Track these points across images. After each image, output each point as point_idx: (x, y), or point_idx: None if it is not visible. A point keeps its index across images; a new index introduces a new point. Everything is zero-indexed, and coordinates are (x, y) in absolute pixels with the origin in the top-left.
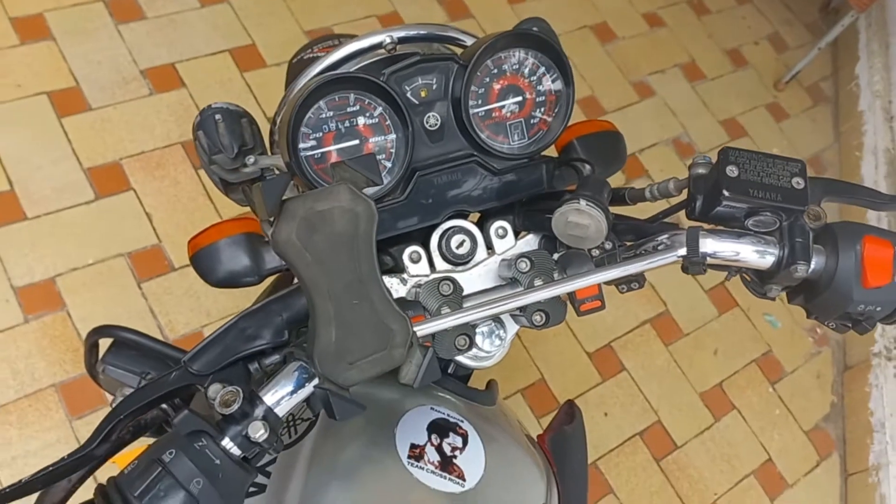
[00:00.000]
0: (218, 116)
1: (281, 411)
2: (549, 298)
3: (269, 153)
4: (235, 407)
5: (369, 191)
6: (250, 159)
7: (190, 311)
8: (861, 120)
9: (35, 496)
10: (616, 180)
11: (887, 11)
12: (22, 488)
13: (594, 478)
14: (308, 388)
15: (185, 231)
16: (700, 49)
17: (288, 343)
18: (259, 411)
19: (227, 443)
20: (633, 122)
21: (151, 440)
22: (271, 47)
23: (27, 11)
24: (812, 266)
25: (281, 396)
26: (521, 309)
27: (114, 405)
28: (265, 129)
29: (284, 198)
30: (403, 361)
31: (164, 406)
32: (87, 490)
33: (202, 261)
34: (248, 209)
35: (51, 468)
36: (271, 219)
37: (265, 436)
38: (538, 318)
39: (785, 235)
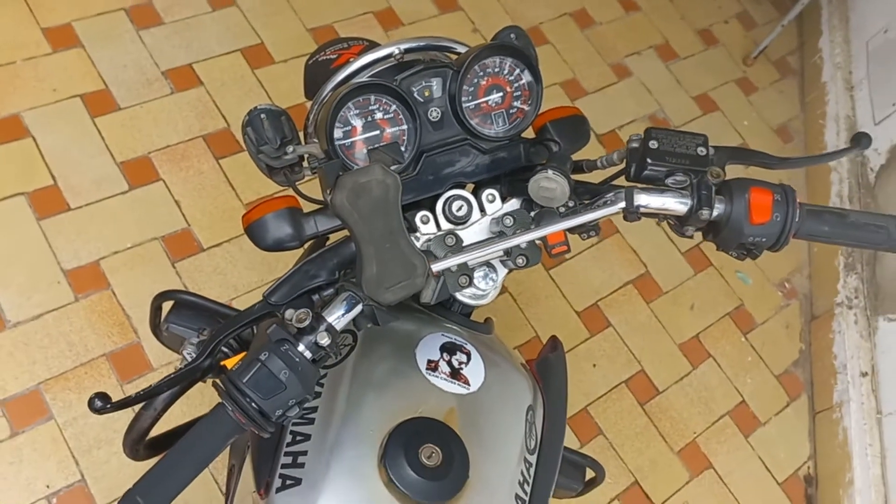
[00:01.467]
0: (263, 115)
1: (338, 326)
2: (527, 244)
3: (304, 143)
4: (306, 323)
5: (394, 168)
6: (290, 148)
7: (219, 287)
8: (824, 90)
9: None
10: (596, 152)
11: None
12: (152, 391)
13: (585, 421)
14: (357, 309)
15: (210, 216)
16: (673, 30)
17: (339, 280)
18: (323, 326)
19: (302, 348)
20: (613, 100)
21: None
22: (278, 45)
23: (57, 22)
24: (714, 211)
25: (338, 315)
26: (507, 253)
27: (193, 344)
28: None
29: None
30: (423, 287)
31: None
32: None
33: (254, 232)
34: (288, 190)
35: (172, 375)
36: (328, 190)
37: (328, 342)
38: (520, 260)
39: (694, 190)
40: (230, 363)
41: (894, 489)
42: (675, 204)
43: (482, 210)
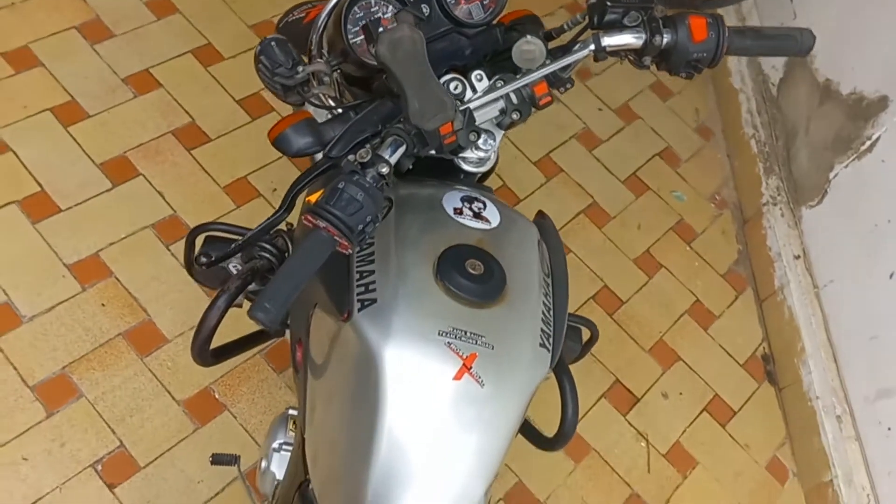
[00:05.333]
0: (273, 43)
1: (392, 160)
2: (518, 99)
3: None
4: (367, 159)
5: None
6: (300, 68)
7: None
8: None
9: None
10: None
11: None
12: (248, 240)
13: None
14: (402, 148)
15: (193, 200)
16: None
17: (384, 129)
18: (380, 160)
19: (368, 178)
20: None
21: None
22: (225, 43)
23: (14, 45)
24: (664, 39)
25: (391, 152)
26: (503, 112)
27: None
28: (229, 109)
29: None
30: (453, 119)
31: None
32: None
33: (280, 144)
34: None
35: (262, 225)
36: (372, 49)
37: (387, 171)
38: (515, 115)
39: (645, 24)
40: (313, 198)
41: (839, 348)
42: (633, 39)
43: (473, 89)
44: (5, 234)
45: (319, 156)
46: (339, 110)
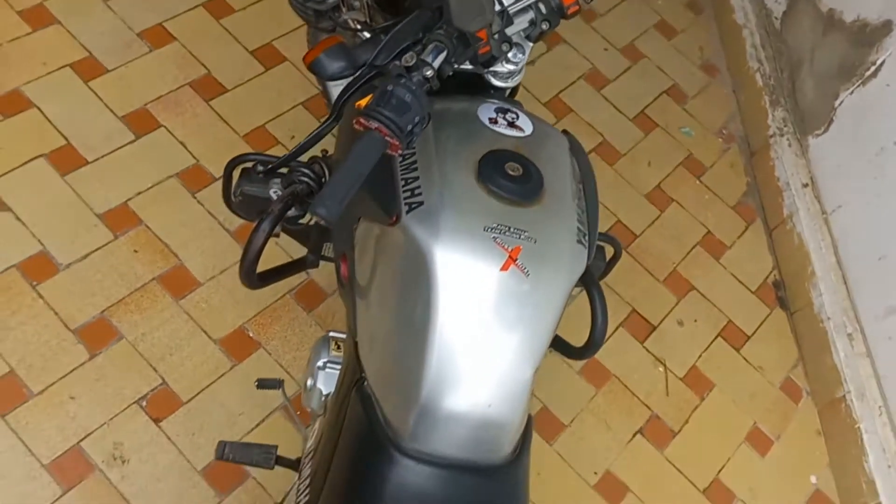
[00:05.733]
0: None
1: (435, 64)
2: (548, 11)
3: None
4: (412, 63)
5: None
6: None
7: None
8: None
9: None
10: None
11: None
12: (298, 149)
13: None
14: (443, 54)
15: (214, 149)
16: None
17: (425, 37)
18: (424, 64)
19: (414, 81)
20: None
21: None
22: None
23: (29, 4)
24: None
25: (433, 57)
26: (532, 23)
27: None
28: (243, 60)
29: None
30: (492, 21)
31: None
32: None
33: (316, 67)
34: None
35: (312, 134)
36: None
37: (431, 74)
38: (545, 25)
39: None
40: (363, 102)
41: (849, 269)
42: None
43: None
44: (36, 187)
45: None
46: (369, 34)
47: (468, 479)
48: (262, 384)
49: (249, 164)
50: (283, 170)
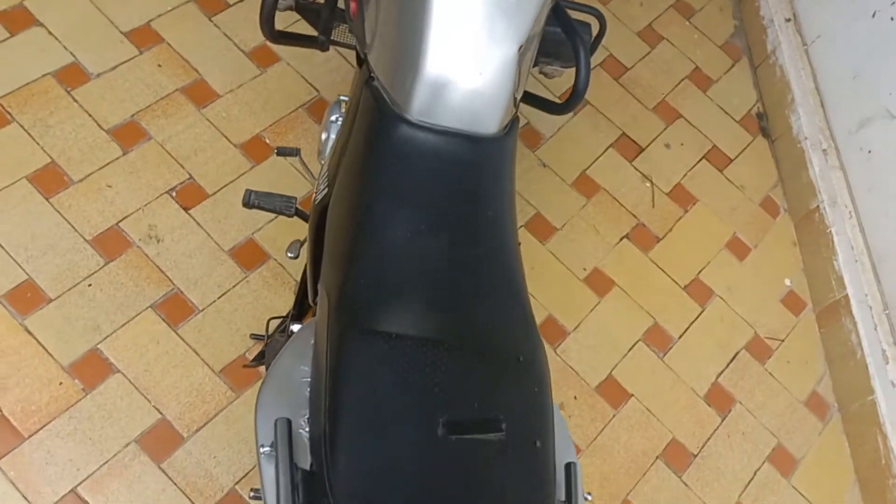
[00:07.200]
0: None
1: None
2: None
3: None
4: None
5: None
6: None
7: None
8: None
9: None
10: None
11: None
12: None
13: None
14: None
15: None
16: None
17: None
18: None
19: None
20: None
21: None
22: None
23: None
24: None
25: None
26: None
27: None
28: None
29: None
30: None
31: None
32: None
33: None
34: None
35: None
36: None
37: None
38: None
39: None
40: None
41: (825, 92)
42: None
43: None
44: (63, 4)
45: None
46: None
47: (463, 143)
48: (281, 152)
49: None
50: None
